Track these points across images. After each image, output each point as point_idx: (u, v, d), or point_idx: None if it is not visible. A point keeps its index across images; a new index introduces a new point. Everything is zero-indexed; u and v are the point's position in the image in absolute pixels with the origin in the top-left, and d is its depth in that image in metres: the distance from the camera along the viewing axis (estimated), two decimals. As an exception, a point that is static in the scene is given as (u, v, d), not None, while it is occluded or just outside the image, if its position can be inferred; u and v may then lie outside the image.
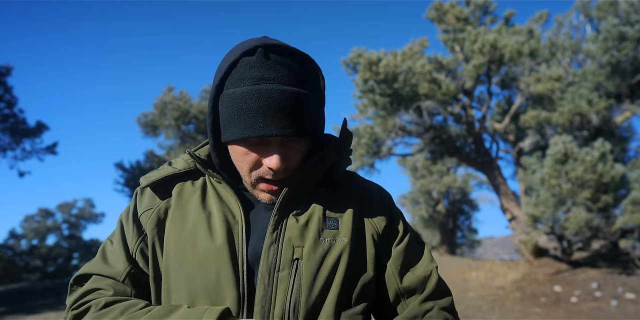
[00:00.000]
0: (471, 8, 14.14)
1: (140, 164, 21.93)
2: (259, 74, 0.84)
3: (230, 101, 0.85)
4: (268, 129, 0.83)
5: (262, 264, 0.87)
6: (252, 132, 0.84)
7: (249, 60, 0.85)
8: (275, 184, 0.91)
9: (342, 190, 1.00)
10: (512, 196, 13.24)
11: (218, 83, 0.88)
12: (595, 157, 9.66)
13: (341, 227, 0.93)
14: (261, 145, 0.88)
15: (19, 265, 28.81)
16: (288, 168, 0.90)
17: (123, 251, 0.94)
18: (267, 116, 0.83)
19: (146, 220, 0.95)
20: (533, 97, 12.71)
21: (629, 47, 11.10)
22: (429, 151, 14.90)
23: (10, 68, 17.40)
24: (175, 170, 0.97)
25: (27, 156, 18.64)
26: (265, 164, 0.88)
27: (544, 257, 12.07)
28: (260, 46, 0.86)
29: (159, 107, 18.98)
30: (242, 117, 0.84)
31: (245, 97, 0.84)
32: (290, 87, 0.84)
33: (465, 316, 8.56)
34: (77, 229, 33.72)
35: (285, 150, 0.88)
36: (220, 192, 0.96)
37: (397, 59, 11.42)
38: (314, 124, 0.90)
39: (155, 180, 0.97)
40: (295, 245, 0.88)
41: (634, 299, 8.88)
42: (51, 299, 11.72)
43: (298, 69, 0.87)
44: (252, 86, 0.84)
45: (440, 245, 21.20)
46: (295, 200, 0.93)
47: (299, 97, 0.85)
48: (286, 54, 0.87)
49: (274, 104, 0.83)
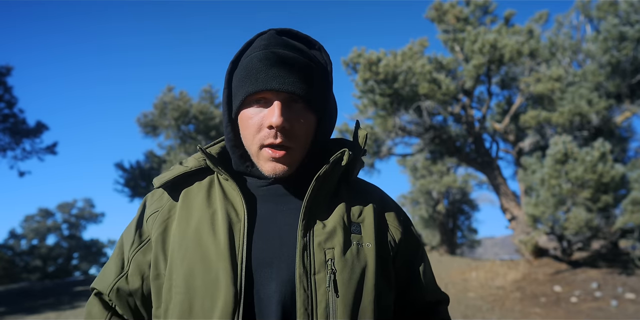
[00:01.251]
0: (471, 8, 14.15)
1: (140, 164, 21.93)
2: (267, 43, 0.91)
3: (240, 67, 0.92)
4: (269, 82, 0.86)
5: (298, 268, 0.85)
6: (254, 88, 0.87)
7: (262, 37, 0.94)
8: (278, 148, 0.89)
9: (361, 196, 1.00)
10: (512, 196, 13.24)
11: (234, 59, 0.94)
12: (595, 157, 9.67)
13: (364, 233, 0.93)
14: (265, 105, 0.89)
15: (19, 265, 28.81)
16: (290, 134, 0.88)
17: (116, 263, 0.98)
18: (270, 71, 0.87)
19: (152, 223, 0.96)
20: (533, 97, 12.71)
21: (629, 47, 11.10)
22: (429, 151, 14.90)
23: (10, 68, 17.41)
24: (186, 169, 0.97)
25: (27, 156, 18.66)
26: (266, 123, 0.88)
27: (544, 257, 12.07)
28: (275, 29, 0.96)
29: (159, 107, 18.98)
30: (247, 76, 0.88)
31: (253, 59, 0.89)
32: (296, 55, 0.90)
33: (465, 316, 8.56)
34: (77, 229, 33.73)
35: (289, 111, 0.88)
36: (226, 189, 0.96)
37: (397, 59, 11.42)
38: (320, 101, 0.92)
39: (167, 180, 0.96)
40: (326, 248, 0.88)
41: (634, 299, 8.88)
42: (51, 299, 11.72)
43: (307, 50, 0.94)
44: (260, 51, 0.89)
45: (440, 245, 21.19)
46: (317, 204, 0.92)
47: (304, 63, 0.90)
48: (297, 37, 0.96)
49: (278, 61, 0.87)
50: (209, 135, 19.13)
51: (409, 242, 1.01)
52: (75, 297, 11.81)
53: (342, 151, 0.94)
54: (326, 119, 0.95)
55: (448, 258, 16.04)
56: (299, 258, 0.86)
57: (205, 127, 19.03)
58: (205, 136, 19.16)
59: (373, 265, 0.90)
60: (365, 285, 0.88)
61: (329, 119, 0.96)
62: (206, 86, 20.29)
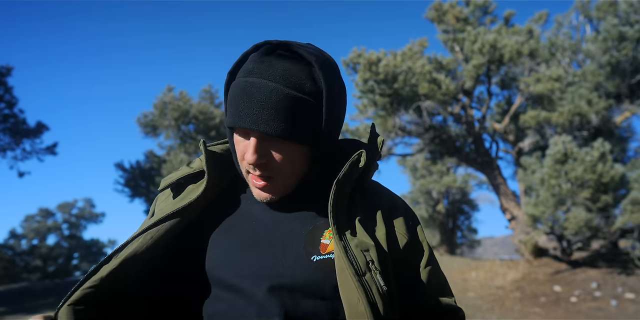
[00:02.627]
0: (471, 8, 14.16)
1: (140, 164, 21.94)
2: (251, 67, 0.86)
3: (230, 91, 0.89)
4: (244, 120, 0.84)
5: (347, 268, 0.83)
6: (232, 121, 0.86)
7: (253, 55, 0.89)
8: (260, 179, 0.90)
9: (372, 200, 0.98)
10: (511, 196, 13.25)
11: (231, 70, 0.92)
12: (595, 157, 9.67)
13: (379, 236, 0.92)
14: (246, 137, 0.88)
15: (19, 265, 28.82)
16: (269, 168, 0.88)
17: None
18: (246, 107, 0.84)
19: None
20: (533, 97, 12.72)
21: (629, 47, 11.10)
22: (429, 151, 14.92)
23: (10, 68, 17.43)
24: (190, 171, 0.99)
25: (27, 156, 18.66)
26: (244, 157, 0.88)
27: (544, 257, 12.08)
28: (269, 43, 0.89)
29: (159, 107, 18.99)
30: (230, 105, 0.87)
31: (235, 87, 0.87)
32: (277, 84, 0.84)
33: (465, 316, 8.57)
34: (78, 229, 33.73)
35: (266, 147, 0.87)
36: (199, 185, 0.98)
37: (397, 59, 11.43)
38: (304, 131, 0.87)
39: (171, 182, 0.99)
40: (362, 249, 0.86)
41: (634, 298, 8.89)
42: (51, 299, 11.72)
43: (297, 72, 0.86)
44: (242, 78, 0.86)
45: (440, 245, 21.21)
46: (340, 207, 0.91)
47: (284, 96, 0.84)
48: (291, 56, 0.88)
49: (254, 97, 0.83)
50: (209, 135, 19.13)
51: (414, 248, 0.98)
52: (75, 297, 11.81)
53: (359, 153, 0.93)
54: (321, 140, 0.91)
55: (448, 258, 16.05)
56: (344, 259, 0.84)
57: (205, 127, 19.04)
58: (205, 136, 19.17)
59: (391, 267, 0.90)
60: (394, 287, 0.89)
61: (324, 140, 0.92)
62: (206, 86, 20.32)
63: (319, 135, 0.90)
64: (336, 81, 0.91)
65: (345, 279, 0.82)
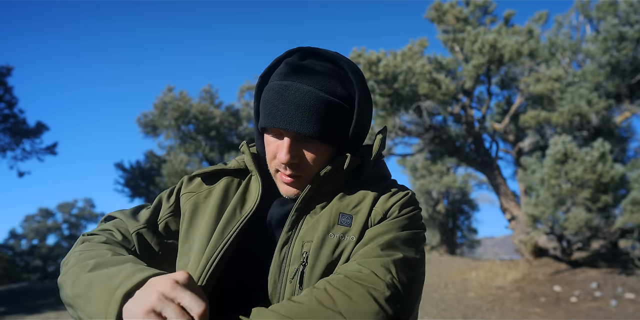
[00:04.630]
0: (471, 8, 14.15)
1: (140, 164, 21.93)
2: (286, 71, 0.92)
3: (264, 93, 0.94)
4: (278, 121, 0.89)
5: (275, 259, 0.90)
6: (266, 122, 0.91)
7: (287, 60, 0.94)
8: (290, 177, 0.94)
9: (367, 189, 0.98)
10: (511, 196, 13.25)
11: (263, 74, 0.97)
12: (595, 157, 9.67)
13: (354, 225, 0.92)
14: (279, 137, 0.93)
15: (19, 265, 28.82)
16: (300, 167, 0.93)
17: (151, 214, 1.03)
18: (280, 109, 0.89)
19: (185, 201, 1.04)
20: (533, 97, 12.72)
21: (629, 47, 11.10)
22: (429, 151, 14.91)
23: (10, 68, 17.41)
24: (224, 167, 1.05)
25: (27, 156, 18.65)
26: (277, 156, 0.93)
27: (544, 257, 12.08)
28: (302, 49, 0.95)
29: (159, 107, 18.99)
30: (264, 107, 0.92)
31: (270, 90, 0.92)
32: (312, 88, 0.89)
33: (465, 316, 8.57)
34: (78, 229, 33.74)
35: (298, 147, 0.92)
36: (250, 189, 1.02)
37: (397, 59, 11.43)
38: (334, 133, 0.92)
39: (206, 171, 1.05)
40: (305, 241, 0.91)
41: (634, 298, 8.89)
42: (51, 299, 11.72)
43: (329, 77, 0.92)
44: (278, 82, 0.91)
45: (440, 245, 21.20)
46: (315, 199, 0.96)
47: (318, 99, 0.89)
48: (324, 60, 0.94)
49: (289, 99, 0.88)
50: (209, 135, 19.13)
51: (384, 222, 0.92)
52: (75, 297, 11.80)
53: (344, 156, 0.96)
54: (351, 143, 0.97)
55: (448, 258, 16.05)
56: (278, 249, 0.91)
57: (205, 127, 19.04)
58: (205, 136, 19.17)
59: (347, 259, 0.89)
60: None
61: (354, 144, 0.98)
62: (206, 86, 20.31)
63: (348, 137, 0.96)
64: (364, 86, 0.97)
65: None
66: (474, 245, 25.56)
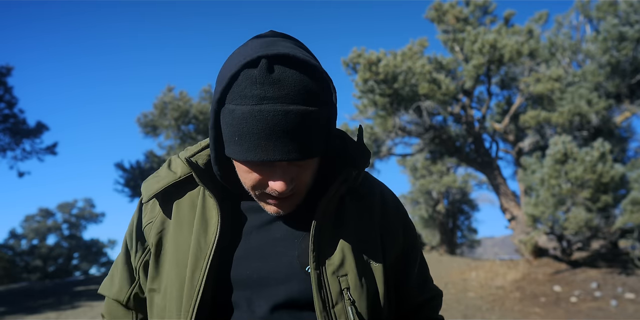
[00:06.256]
0: (471, 8, 14.15)
1: (140, 164, 21.94)
2: (260, 93, 0.75)
3: (232, 120, 0.77)
4: (271, 153, 0.76)
5: (317, 303, 0.83)
6: (254, 156, 0.77)
7: (251, 74, 0.76)
8: (283, 200, 0.86)
9: (363, 207, 0.96)
10: (511, 196, 13.25)
11: (219, 96, 0.79)
12: (595, 157, 9.67)
13: (370, 249, 0.91)
14: (265, 166, 0.81)
15: (19, 265, 28.82)
16: (295, 187, 0.85)
17: (127, 271, 0.99)
18: (270, 140, 0.75)
19: (149, 232, 0.96)
20: (533, 97, 12.72)
21: (629, 47, 11.10)
22: (429, 151, 14.91)
23: (10, 68, 17.42)
24: (175, 178, 0.93)
25: (26, 156, 18.66)
26: (270, 186, 0.82)
27: (544, 257, 12.08)
28: (263, 57, 0.76)
29: (159, 107, 19.00)
30: (243, 139, 0.77)
31: (247, 117, 0.75)
32: (295, 106, 0.75)
33: (465, 316, 8.56)
34: (78, 229, 33.74)
35: (292, 171, 0.82)
36: (208, 208, 0.92)
37: (397, 59, 11.43)
38: (323, 142, 0.83)
39: (155, 193, 0.93)
40: (340, 275, 0.86)
41: (634, 298, 8.89)
42: (51, 299, 11.72)
43: (306, 83, 0.77)
44: (254, 106, 0.75)
45: (440, 245, 21.20)
46: (325, 226, 0.89)
47: (305, 116, 0.76)
48: (294, 66, 0.77)
49: (278, 127, 0.74)
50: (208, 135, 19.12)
51: (406, 243, 1.01)
52: (75, 297, 11.82)
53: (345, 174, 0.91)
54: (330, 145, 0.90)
55: (448, 258, 16.05)
56: (316, 292, 0.83)
57: (205, 127, 19.04)
58: (205, 136, 19.17)
59: (383, 285, 0.89)
60: (379, 308, 0.89)
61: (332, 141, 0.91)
62: (206, 86, 20.31)
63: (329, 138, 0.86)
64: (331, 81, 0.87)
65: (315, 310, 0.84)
66: (474, 245, 25.55)
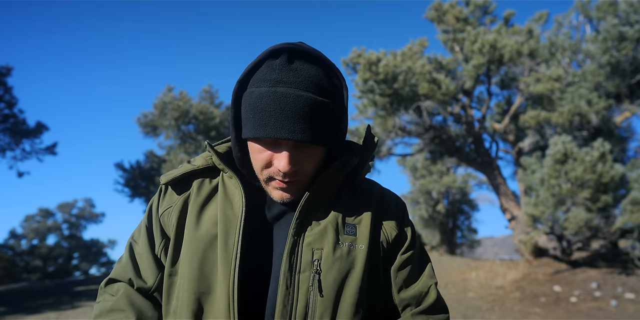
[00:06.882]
0: (471, 8, 14.15)
1: (140, 164, 21.94)
2: (278, 77, 0.86)
3: (249, 100, 0.88)
4: (279, 131, 0.85)
5: (283, 265, 0.89)
6: (263, 133, 0.86)
7: (272, 63, 0.88)
8: (286, 184, 0.92)
9: (361, 197, 1.01)
10: (511, 196, 13.24)
11: (242, 78, 0.90)
12: (595, 157, 9.67)
13: (359, 234, 0.95)
14: (274, 146, 0.89)
15: (19, 265, 28.83)
16: (299, 172, 0.91)
17: (151, 257, 1.01)
18: (280, 119, 0.84)
19: (167, 220, 1.00)
20: (533, 97, 12.71)
21: (629, 47, 11.10)
22: (429, 151, 14.91)
23: (10, 68, 17.41)
24: (193, 167, 1.01)
25: (26, 156, 18.65)
26: (275, 165, 0.90)
27: (544, 257, 12.08)
28: (286, 50, 0.88)
29: (159, 107, 18.99)
30: (257, 116, 0.86)
31: (262, 97, 0.86)
32: (308, 93, 0.86)
33: (465, 316, 8.56)
34: (78, 229, 33.73)
35: (297, 154, 0.89)
36: (229, 188, 0.98)
37: (397, 59, 11.42)
38: (330, 133, 0.91)
39: (174, 177, 1.00)
40: (315, 248, 0.91)
41: (634, 298, 8.89)
42: (51, 299, 11.72)
43: (320, 77, 0.88)
44: (270, 88, 0.86)
45: (440, 245, 21.20)
46: (315, 205, 0.95)
47: (315, 104, 0.86)
48: (311, 61, 0.89)
49: (288, 107, 0.84)
50: (209, 135, 19.12)
51: (404, 242, 1.02)
52: (75, 297, 11.82)
53: (346, 158, 0.96)
54: (338, 141, 0.96)
55: (448, 258, 16.04)
56: (286, 256, 0.90)
57: (205, 127, 19.04)
58: (205, 136, 19.16)
59: (361, 267, 0.92)
60: (348, 287, 0.91)
61: (341, 140, 0.97)
62: (206, 86, 20.32)
63: (338, 135, 0.94)
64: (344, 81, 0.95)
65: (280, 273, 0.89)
66: (474, 245, 25.54)
